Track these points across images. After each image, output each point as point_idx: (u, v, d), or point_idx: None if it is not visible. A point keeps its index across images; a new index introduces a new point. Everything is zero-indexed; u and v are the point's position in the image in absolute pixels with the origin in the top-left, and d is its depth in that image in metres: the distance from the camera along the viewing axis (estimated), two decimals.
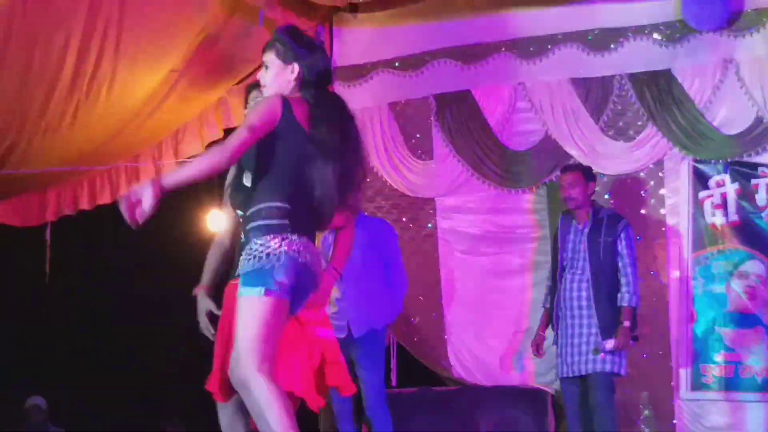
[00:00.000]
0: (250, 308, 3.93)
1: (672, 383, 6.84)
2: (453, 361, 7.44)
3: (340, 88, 7.96)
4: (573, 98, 7.24)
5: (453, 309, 7.52)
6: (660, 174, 7.04)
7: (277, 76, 4.11)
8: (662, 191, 7.03)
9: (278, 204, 3.96)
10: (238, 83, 8.22)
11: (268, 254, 3.92)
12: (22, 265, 8.95)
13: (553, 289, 6.65)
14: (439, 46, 7.69)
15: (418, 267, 7.40)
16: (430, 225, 7.65)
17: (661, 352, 6.83)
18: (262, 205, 3.98)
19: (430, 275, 7.55)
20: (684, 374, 6.80)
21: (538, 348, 6.76)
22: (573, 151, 7.21)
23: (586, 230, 6.52)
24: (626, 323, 6.35)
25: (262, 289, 3.91)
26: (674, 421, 6.81)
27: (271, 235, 3.94)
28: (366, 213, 6.95)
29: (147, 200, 3.74)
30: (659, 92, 7.00)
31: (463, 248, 7.54)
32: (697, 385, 6.77)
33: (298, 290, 4.02)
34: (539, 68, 7.37)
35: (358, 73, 7.92)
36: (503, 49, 7.47)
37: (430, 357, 7.52)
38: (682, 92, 6.94)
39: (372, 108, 7.84)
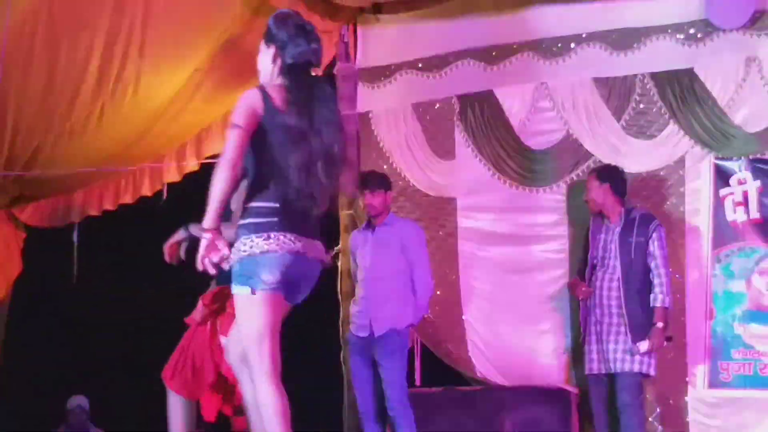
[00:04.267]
0: (243, 306, 4.03)
1: (687, 379, 6.81)
2: (474, 361, 7.45)
3: (363, 89, 8.02)
4: (595, 97, 7.24)
5: (472, 308, 7.52)
6: (681, 172, 7.02)
7: (261, 59, 4.21)
8: (683, 189, 7.01)
9: (267, 204, 4.02)
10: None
11: (254, 253, 3.97)
12: (50, 267, 9.03)
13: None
14: (462, 46, 7.71)
15: (439, 266, 7.41)
16: (450, 224, 7.65)
17: (676, 349, 6.80)
18: (250, 204, 4.04)
19: (450, 274, 7.57)
20: (702, 371, 6.77)
21: (576, 287, 6.74)
22: (594, 150, 7.21)
23: (618, 230, 6.54)
24: (660, 324, 6.37)
25: (249, 288, 3.99)
26: (688, 419, 6.78)
27: (257, 234, 3.99)
28: (392, 212, 6.97)
29: (224, 249, 3.91)
30: (681, 91, 6.99)
31: (484, 247, 7.55)
32: (715, 382, 6.74)
33: (291, 283, 4.07)
34: (561, 68, 7.38)
35: (382, 74, 7.96)
36: (526, 49, 7.48)
37: (452, 356, 7.54)
38: (705, 91, 6.92)
39: (396, 108, 7.87)
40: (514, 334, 7.40)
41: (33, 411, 9.52)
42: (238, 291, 4.00)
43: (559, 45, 7.39)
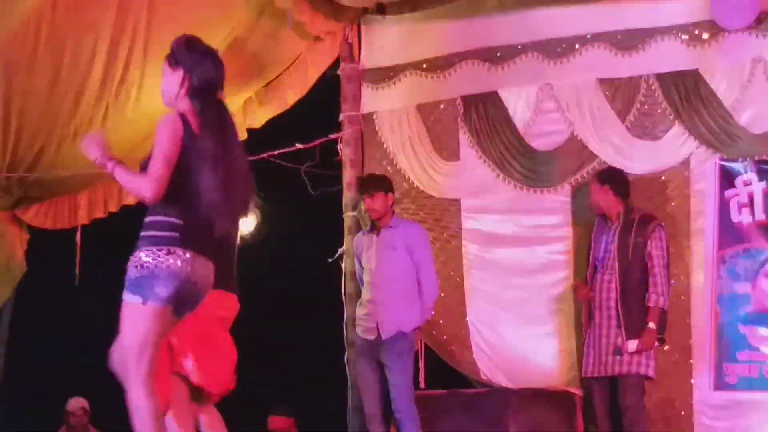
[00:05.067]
0: (130, 315, 4.07)
1: (692, 381, 6.79)
2: (478, 363, 7.43)
3: (368, 90, 8.01)
4: (600, 98, 7.22)
5: (477, 310, 7.51)
6: (686, 173, 7.00)
7: (167, 83, 4.24)
8: (688, 190, 6.99)
9: (170, 219, 4.06)
10: (265, 85, 8.26)
11: (151, 266, 4.01)
12: (53, 268, 9.02)
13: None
14: (466, 47, 7.69)
15: (443, 267, 7.40)
16: (454, 225, 7.63)
17: (681, 351, 6.79)
18: (155, 218, 4.08)
19: (454, 276, 7.55)
20: (707, 373, 6.75)
21: (579, 288, 6.78)
22: (599, 151, 7.20)
23: (617, 230, 6.55)
24: (651, 324, 6.37)
25: (140, 299, 4.03)
26: (694, 420, 6.76)
27: (157, 247, 4.03)
28: (397, 214, 6.97)
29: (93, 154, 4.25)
30: (686, 92, 6.97)
31: (488, 248, 7.53)
32: (721, 384, 6.72)
33: (180, 300, 4.11)
34: (566, 69, 7.36)
35: (386, 75, 7.94)
36: (530, 49, 7.46)
37: (456, 358, 7.52)
38: (710, 92, 6.90)
39: (400, 109, 7.86)
40: (519, 336, 7.38)
41: (34, 412, 9.53)
42: (129, 299, 4.05)
43: (564, 46, 7.37)
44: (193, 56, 4.21)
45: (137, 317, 4.04)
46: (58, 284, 8.96)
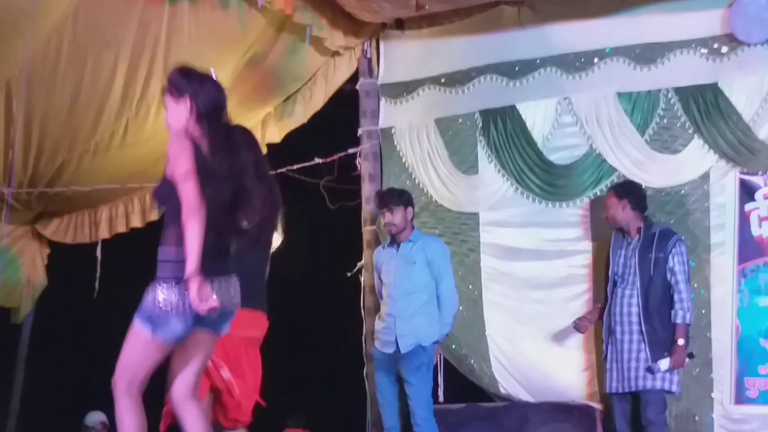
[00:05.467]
0: (136, 339, 4.15)
1: (712, 395, 6.77)
2: (497, 377, 7.42)
3: (386, 105, 8.03)
4: (619, 112, 7.21)
5: (495, 323, 7.50)
6: (706, 187, 6.97)
7: (174, 113, 4.26)
8: (708, 204, 6.97)
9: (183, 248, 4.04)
10: (284, 100, 8.30)
11: (167, 305, 4.06)
12: (73, 282, 9.06)
13: (605, 304, 6.67)
14: (484, 61, 7.69)
15: (462, 281, 7.40)
16: (472, 239, 7.63)
17: (702, 365, 6.77)
18: (169, 248, 4.10)
19: (473, 290, 7.55)
20: (728, 387, 6.73)
21: (580, 323, 6.74)
22: (618, 165, 7.18)
23: (637, 246, 6.54)
24: (681, 341, 6.34)
25: (151, 331, 4.11)
26: None
27: (175, 280, 4.04)
28: (417, 228, 6.98)
29: (207, 294, 4.03)
30: (706, 105, 6.95)
31: (506, 262, 7.52)
32: (741, 398, 6.69)
33: (206, 320, 4.17)
34: (585, 83, 7.35)
35: (405, 89, 7.96)
36: (549, 64, 7.47)
37: (475, 372, 7.51)
38: (729, 105, 6.88)
39: (418, 124, 7.86)
40: (538, 350, 7.36)
41: (54, 426, 9.56)
42: (139, 325, 4.12)
43: (583, 60, 7.37)
44: (193, 82, 4.26)
45: (141, 344, 4.14)
46: (78, 298, 8.99)
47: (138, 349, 4.15)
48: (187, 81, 4.26)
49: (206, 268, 4.05)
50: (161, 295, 4.05)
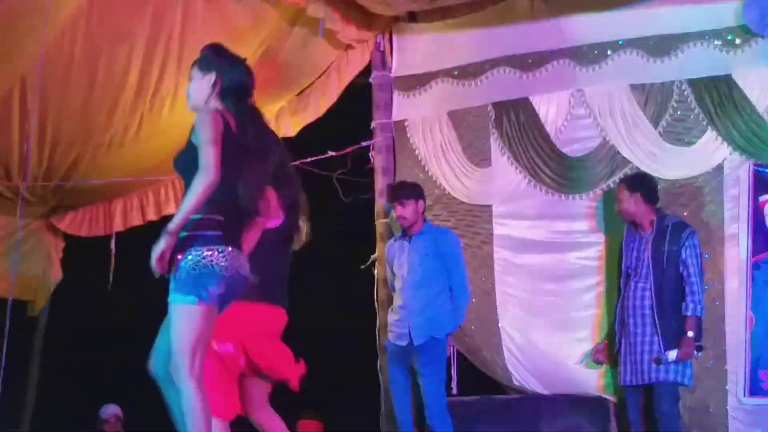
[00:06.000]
0: (184, 316, 4.12)
1: (726, 387, 6.76)
2: (511, 369, 7.43)
3: (399, 98, 8.03)
4: (632, 104, 7.20)
5: (508, 316, 7.50)
6: (719, 179, 6.96)
7: (197, 86, 4.33)
8: (722, 196, 6.96)
9: (213, 216, 4.12)
10: (298, 94, 8.31)
11: (203, 265, 4.08)
12: (87, 275, 9.10)
13: (618, 297, 6.67)
14: (497, 54, 7.69)
15: (474, 273, 7.40)
16: (485, 231, 7.63)
17: (715, 357, 6.76)
18: (197, 216, 4.11)
19: (485, 282, 7.56)
20: (742, 379, 6.73)
21: (597, 353, 6.80)
22: (631, 157, 7.18)
23: (650, 238, 6.53)
24: (690, 333, 6.33)
25: (196, 299, 4.09)
26: (728, 426, 6.73)
27: (206, 247, 4.09)
28: (429, 221, 6.98)
29: (167, 251, 4.05)
30: (720, 97, 6.94)
31: (519, 254, 7.52)
32: (756, 389, 6.69)
33: (225, 298, 4.21)
34: (598, 75, 7.34)
35: (418, 82, 7.96)
36: (562, 56, 7.45)
37: (488, 365, 7.52)
38: (743, 97, 6.86)
39: (431, 117, 7.87)
40: (551, 342, 7.36)
41: (68, 418, 9.60)
42: (182, 301, 4.10)
43: (596, 52, 7.36)
44: (224, 61, 4.33)
45: (190, 318, 4.10)
46: (93, 291, 9.02)
47: (188, 326, 4.10)
48: (217, 58, 4.33)
49: (235, 240, 4.15)
50: (194, 258, 4.07)
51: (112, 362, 9.21)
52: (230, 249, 4.13)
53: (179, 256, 4.08)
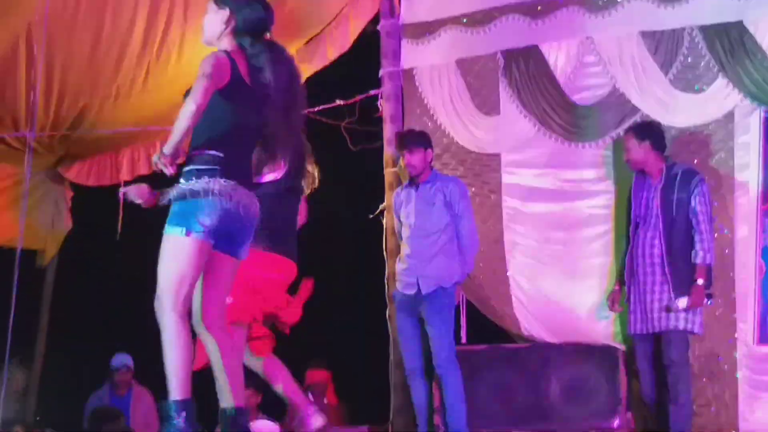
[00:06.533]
0: (172, 248, 4.09)
1: (735, 336, 6.76)
2: (519, 318, 7.44)
3: (407, 46, 7.97)
4: (642, 51, 7.13)
5: (517, 264, 7.50)
6: (730, 126, 6.91)
7: (211, 21, 4.30)
8: (732, 143, 6.91)
9: (210, 152, 4.10)
10: (306, 42, 8.25)
11: (193, 193, 4.06)
12: (97, 224, 9.10)
13: (627, 246, 6.65)
14: (506, 1, 7.62)
15: (483, 222, 7.40)
16: (494, 180, 7.61)
17: (724, 305, 6.76)
18: (194, 152, 4.12)
19: (494, 231, 7.54)
20: (751, 327, 6.72)
21: (613, 303, 6.78)
22: (641, 105, 7.13)
23: (660, 186, 6.50)
24: (700, 281, 6.32)
25: (184, 230, 4.06)
26: (738, 375, 6.74)
27: (201, 180, 4.07)
28: (435, 169, 6.96)
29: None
30: (730, 44, 6.87)
31: (528, 203, 7.51)
32: (765, 338, 6.69)
33: (225, 233, 4.16)
34: (608, 22, 7.27)
35: (426, 30, 7.89)
36: (571, 3, 7.38)
37: (497, 313, 7.53)
38: (754, 44, 6.79)
39: (440, 65, 7.82)
40: (560, 291, 7.36)
41: (79, 368, 9.66)
42: (171, 232, 4.08)
43: None
44: None
45: (178, 249, 4.07)
46: (101, 241, 9.04)
47: (176, 258, 4.08)
48: None
49: (236, 175, 4.12)
50: (184, 185, 4.07)
51: (121, 311, 9.24)
52: (225, 181, 4.09)
53: (174, 187, 4.08)
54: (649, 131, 6.67)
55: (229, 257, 4.27)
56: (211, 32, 4.28)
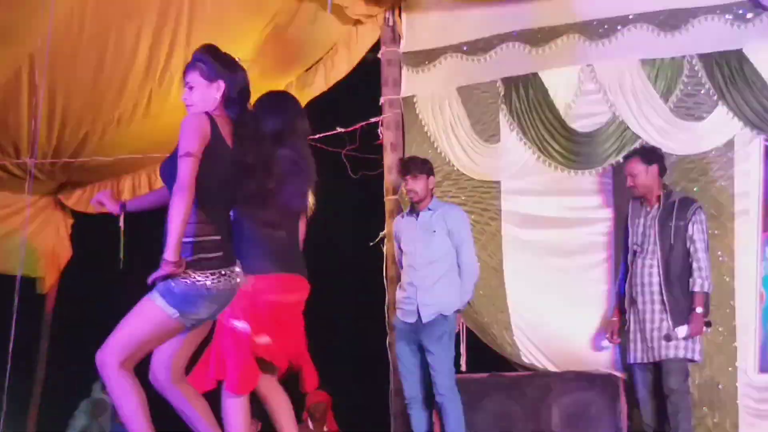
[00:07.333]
0: (153, 317, 4.02)
1: (736, 364, 6.74)
2: (519, 346, 7.42)
3: (408, 73, 8.00)
4: (642, 79, 7.16)
5: (517, 292, 7.49)
6: (730, 154, 6.93)
7: (204, 95, 4.17)
8: (732, 171, 6.92)
9: (213, 238, 4.06)
10: (306, 70, 8.28)
11: (203, 287, 4.01)
12: (97, 252, 9.09)
13: (625, 274, 6.64)
14: (506, 29, 7.66)
15: (483, 249, 7.40)
16: (494, 207, 7.62)
17: (725, 334, 6.74)
18: (198, 239, 4.03)
19: (494, 258, 7.54)
20: (752, 356, 6.71)
21: (612, 334, 6.77)
22: (641, 133, 7.15)
23: (657, 214, 6.50)
24: (699, 309, 6.31)
25: (176, 312, 4.01)
26: (738, 403, 6.72)
27: (211, 272, 4.03)
28: (436, 197, 6.96)
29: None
30: (730, 72, 6.90)
31: (528, 230, 7.51)
32: (765, 366, 6.68)
33: (209, 317, 4.18)
34: (608, 49, 7.30)
35: (427, 57, 7.93)
36: (571, 31, 7.41)
37: (497, 341, 7.52)
38: (754, 72, 6.82)
39: (440, 92, 7.85)
40: (560, 319, 7.35)
41: (77, 395, 9.62)
42: (161, 304, 4.00)
43: (606, 26, 7.31)
44: (227, 66, 4.20)
45: (158, 322, 4.02)
46: (102, 269, 9.02)
47: (150, 327, 4.02)
48: (222, 64, 4.18)
49: (232, 256, 4.11)
50: (196, 277, 4.00)
51: None
52: (234, 270, 4.10)
53: (182, 274, 3.98)
54: (657, 156, 6.66)
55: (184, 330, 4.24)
56: (206, 105, 4.15)
